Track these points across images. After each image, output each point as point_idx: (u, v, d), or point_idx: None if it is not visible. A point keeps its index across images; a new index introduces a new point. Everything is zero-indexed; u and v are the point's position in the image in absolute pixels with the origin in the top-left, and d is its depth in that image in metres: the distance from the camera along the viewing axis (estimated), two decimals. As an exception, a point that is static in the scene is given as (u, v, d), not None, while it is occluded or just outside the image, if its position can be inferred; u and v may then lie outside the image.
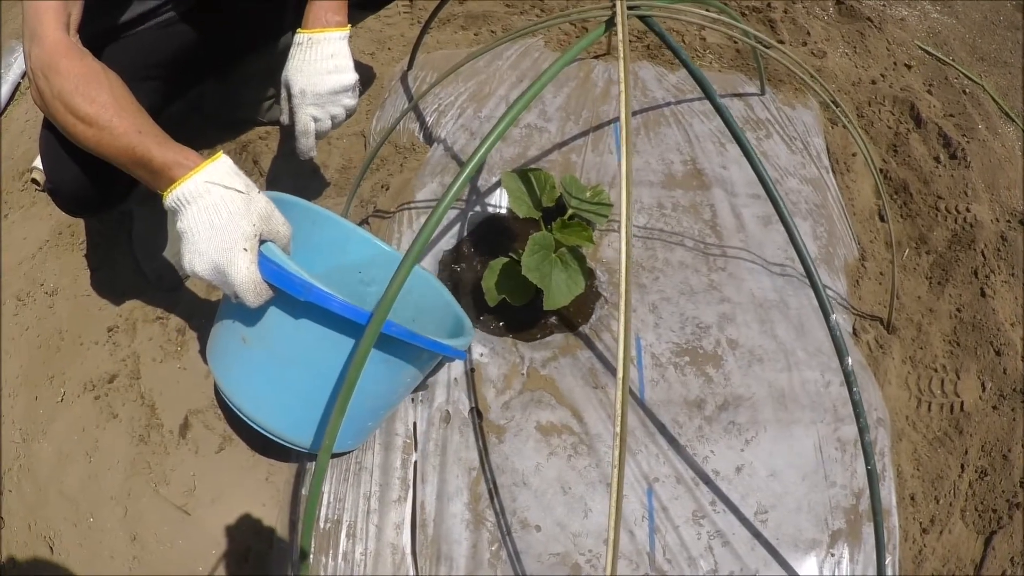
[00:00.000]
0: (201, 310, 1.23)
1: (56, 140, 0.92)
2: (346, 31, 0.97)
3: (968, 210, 1.45)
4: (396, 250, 1.12)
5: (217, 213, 0.76)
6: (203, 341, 1.20)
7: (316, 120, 1.00)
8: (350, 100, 1.00)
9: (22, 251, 1.30)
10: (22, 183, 1.39)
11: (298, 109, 0.99)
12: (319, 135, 1.00)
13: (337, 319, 0.79)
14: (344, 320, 0.79)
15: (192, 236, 0.77)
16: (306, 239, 1.05)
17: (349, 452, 1.03)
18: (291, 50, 0.97)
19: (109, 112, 0.79)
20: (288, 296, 0.79)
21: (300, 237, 1.05)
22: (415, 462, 1.01)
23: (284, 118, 1.02)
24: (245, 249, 0.76)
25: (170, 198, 0.78)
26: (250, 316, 0.85)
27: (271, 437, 0.92)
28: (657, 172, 1.34)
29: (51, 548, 1.01)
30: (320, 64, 0.95)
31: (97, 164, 0.86)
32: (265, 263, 0.78)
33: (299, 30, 0.97)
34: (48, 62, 0.79)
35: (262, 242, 0.79)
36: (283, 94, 1.00)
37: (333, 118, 1.00)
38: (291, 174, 1.39)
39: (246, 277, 0.76)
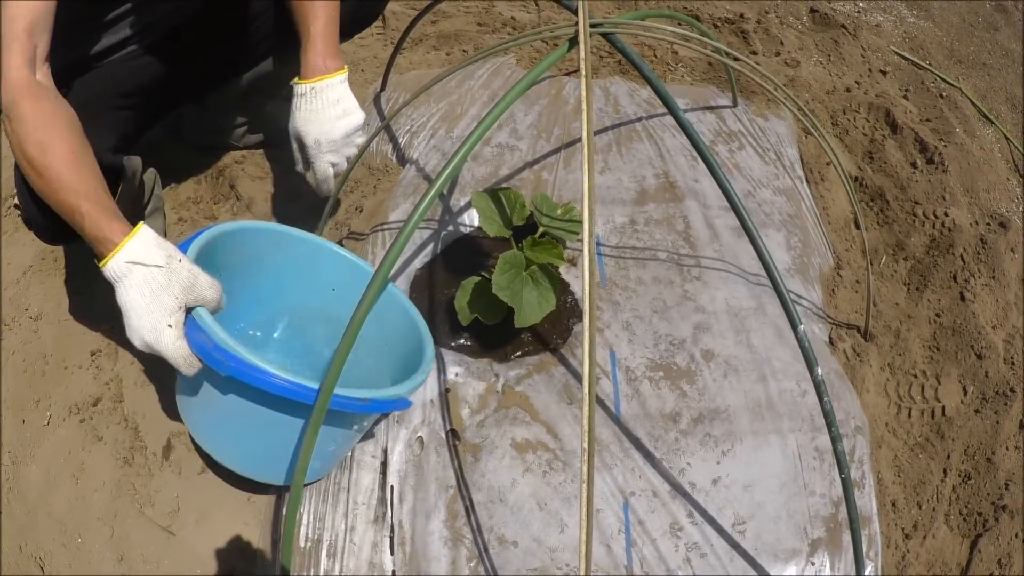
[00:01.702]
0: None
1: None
2: (345, 73, 1.00)
3: (946, 214, 1.45)
4: (368, 264, 1.12)
5: (140, 293, 0.79)
6: (184, 363, 1.21)
7: (334, 165, 1.04)
8: (362, 138, 1.05)
9: (7, 276, 1.31)
10: (6, 209, 1.41)
11: (316, 159, 1.03)
12: (336, 175, 1.05)
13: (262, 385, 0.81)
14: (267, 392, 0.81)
15: (125, 313, 0.81)
16: (272, 262, 1.06)
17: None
18: (295, 102, 1.00)
19: (55, 167, 0.80)
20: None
21: (266, 261, 1.05)
22: (392, 482, 1.02)
23: (300, 168, 1.06)
24: (170, 325, 0.79)
25: (104, 274, 0.81)
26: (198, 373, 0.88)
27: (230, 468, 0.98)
28: (630, 189, 1.35)
29: (41, 569, 1.02)
30: (328, 111, 0.98)
31: None
32: (192, 334, 0.81)
33: (298, 80, 0.99)
34: (10, 102, 0.80)
35: (191, 310, 0.82)
36: (294, 145, 1.04)
37: (348, 159, 1.05)
38: (267, 198, 1.41)
39: (174, 353, 0.80)
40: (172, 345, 0.79)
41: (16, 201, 1.38)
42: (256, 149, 1.48)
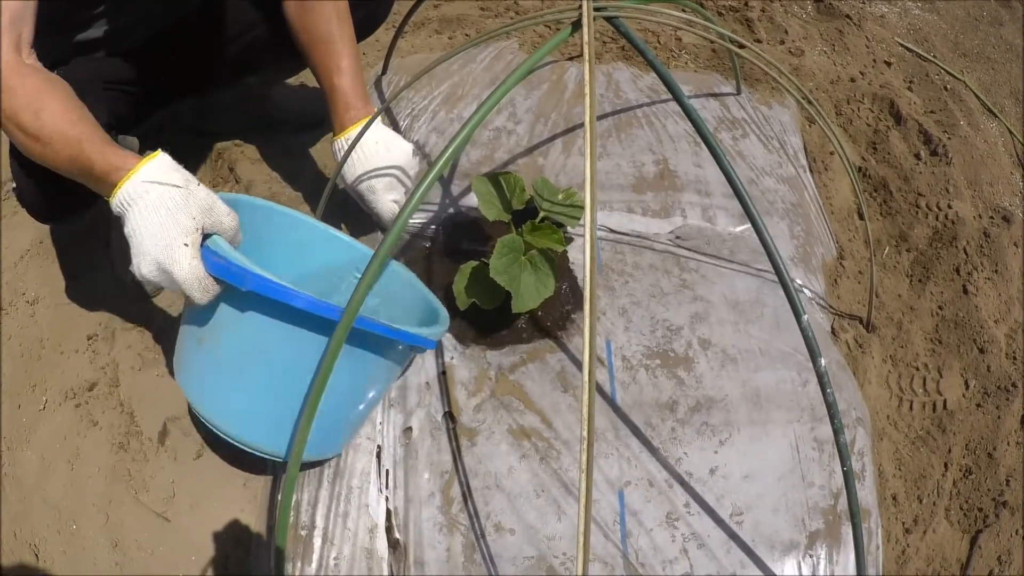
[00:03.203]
0: (179, 318, 1.23)
1: (19, 150, 0.93)
2: (375, 114, 1.04)
3: (950, 207, 1.44)
4: (363, 246, 1.10)
5: (156, 212, 0.76)
6: (180, 348, 1.20)
7: (397, 201, 1.09)
8: (415, 168, 1.10)
9: (4, 260, 1.31)
10: (4, 192, 1.40)
11: (377, 204, 1.08)
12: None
13: (285, 308, 0.76)
14: (293, 310, 0.76)
15: (136, 237, 0.77)
16: (263, 240, 1.03)
17: (327, 460, 1.02)
18: (338, 156, 1.05)
19: (50, 126, 0.80)
20: (236, 289, 0.77)
21: (261, 238, 1.02)
22: (387, 466, 1.01)
23: (377, 221, 1.14)
24: (186, 244, 0.75)
25: (114, 203, 0.78)
26: (203, 315, 0.83)
27: (237, 445, 0.89)
28: (628, 175, 1.33)
29: (36, 555, 1.02)
30: (371, 151, 1.03)
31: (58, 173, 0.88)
32: (208, 256, 0.77)
33: (336, 136, 1.05)
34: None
35: (207, 236, 0.79)
36: (356, 200, 1.10)
37: (407, 192, 1.10)
38: (267, 180, 1.40)
39: (188, 272, 0.75)
40: (188, 265, 0.75)
41: (15, 184, 1.37)
42: (256, 131, 1.46)
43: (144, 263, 0.77)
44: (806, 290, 1.26)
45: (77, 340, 1.21)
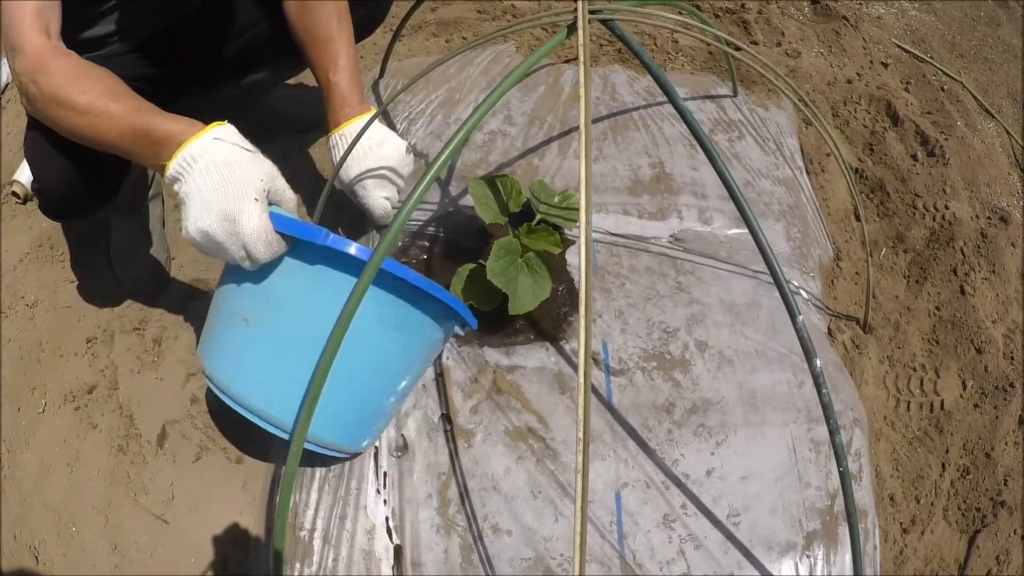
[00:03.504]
0: (178, 320, 1.24)
1: (43, 139, 0.93)
2: (371, 112, 1.04)
3: (947, 207, 1.44)
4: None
5: (227, 166, 0.75)
6: (179, 351, 1.21)
7: (388, 199, 1.08)
8: (409, 166, 1.07)
9: (3, 264, 1.32)
10: (3, 196, 1.41)
11: (367, 199, 1.06)
12: (396, 204, 1.09)
13: (356, 267, 0.74)
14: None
15: (199, 191, 0.74)
16: None
17: (346, 458, 1.00)
18: (332, 153, 1.05)
19: (104, 98, 0.79)
20: (300, 253, 0.76)
21: None
22: (384, 468, 1.01)
23: (365, 212, 1.10)
24: (256, 199, 0.74)
25: (176, 161, 0.76)
26: (254, 290, 0.80)
27: (274, 431, 0.84)
28: (624, 178, 1.34)
29: (36, 558, 1.02)
30: (361, 148, 1.02)
31: (83, 161, 0.87)
32: (275, 216, 0.76)
33: (331, 133, 1.04)
34: (35, 67, 0.80)
35: (269, 203, 0.78)
36: (348, 193, 1.08)
37: (400, 190, 1.08)
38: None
39: (258, 225, 0.73)
40: (257, 218, 0.73)
41: (14, 189, 1.38)
42: (254, 134, 1.47)
43: (207, 216, 0.74)
44: (802, 291, 1.26)
45: (76, 343, 1.22)
